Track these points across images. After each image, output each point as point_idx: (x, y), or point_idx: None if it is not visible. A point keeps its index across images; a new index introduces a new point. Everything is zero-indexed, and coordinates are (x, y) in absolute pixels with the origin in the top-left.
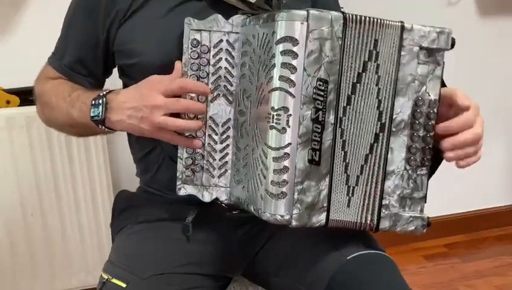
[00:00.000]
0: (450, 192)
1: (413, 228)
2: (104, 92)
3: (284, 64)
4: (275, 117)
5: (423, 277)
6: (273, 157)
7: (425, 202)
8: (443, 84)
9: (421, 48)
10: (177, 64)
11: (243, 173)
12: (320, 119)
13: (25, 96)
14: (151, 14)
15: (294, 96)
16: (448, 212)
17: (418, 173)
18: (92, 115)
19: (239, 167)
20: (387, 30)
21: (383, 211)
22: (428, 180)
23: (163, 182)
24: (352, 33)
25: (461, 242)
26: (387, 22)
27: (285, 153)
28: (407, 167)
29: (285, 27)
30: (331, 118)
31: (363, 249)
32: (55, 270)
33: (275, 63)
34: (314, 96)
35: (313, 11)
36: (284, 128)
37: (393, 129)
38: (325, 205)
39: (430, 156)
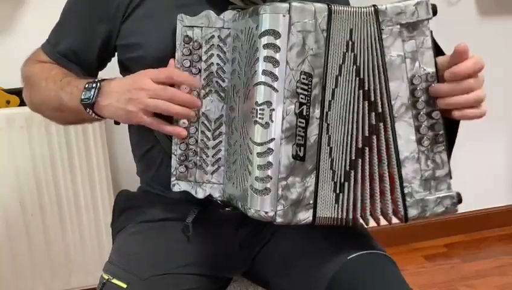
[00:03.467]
0: None
1: (444, 209)
2: (99, 79)
3: (267, 58)
4: (259, 112)
5: (423, 277)
6: (257, 153)
7: (451, 178)
8: (440, 52)
9: (401, 25)
10: (171, 62)
11: (233, 169)
12: (304, 113)
13: None
14: (153, 8)
15: (277, 91)
16: None
17: (434, 151)
18: (82, 97)
19: (230, 163)
20: (361, 17)
21: (408, 199)
22: (449, 155)
23: (163, 180)
24: (336, 25)
25: (461, 242)
26: (359, 8)
27: (269, 148)
28: (422, 149)
29: (268, 20)
30: (316, 113)
31: (363, 249)
32: (55, 270)
33: (258, 57)
34: (297, 90)
35: (295, 4)
36: (267, 123)
37: (396, 115)
38: (311, 201)
39: (443, 130)
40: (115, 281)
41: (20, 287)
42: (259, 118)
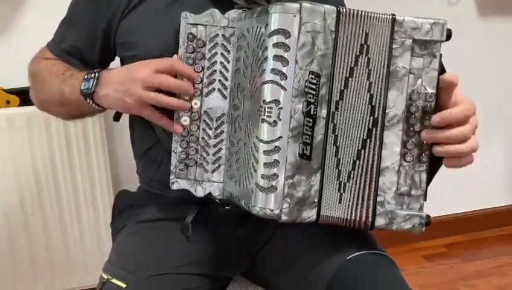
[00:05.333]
0: (450, 192)
1: (411, 226)
2: (98, 70)
3: (276, 57)
4: (267, 110)
5: (423, 277)
6: (263, 151)
7: (425, 200)
8: (443, 71)
9: (414, 40)
10: (174, 57)
11: (235, 167)
12: (312, 113)
13: (25, 96)
14: (152, 7)
15: (285, 89)
16: (448, 212)
17: (415, 169)
18: (82, 88)
19: (232, 161)
20: (377, 23)
21: (378, 208)
22: (429, 177)
23: (164, 179)
24: (345, 27)
25: (461, 242)
26: (378, 14)
27: (276, 147)
28: (404, 163)
29: (278, 20)
30: (323, 112)
31: (363, 249)
32: (55, 270)
33: (267, 56)
34: (305, 89)
35: (305, 4)
36: (275, 121)
37: (387, 124)
38: (316, 200)
39: (429, 151)
40: (114, 281)
41: (20, 287)
42: (267, 116)
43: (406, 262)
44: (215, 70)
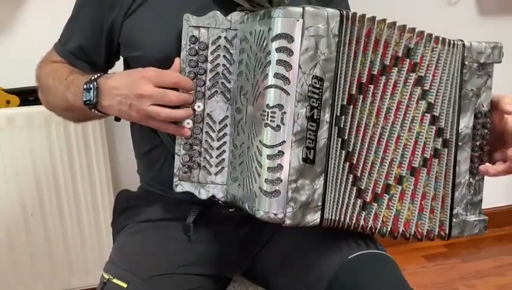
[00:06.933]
0: None
1: (478, 230)
2: (96, 76)
3: (279, 62)
4: (270, 114)
5: (423, 277)
6: (267, 155)
7: (482, 203)
8: None
9: (478, 63)
10: (176, 61)
11: (238, 170)
12: (315, 117)
13: (25, 96)
14: (155, 8)
15: (289, 94)
16: None
17: (476, 179)
18: (84, 99)
19: (235, 164)
20: (450, 48)
21: (454, 220)
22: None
23: (165, 180)
24: (351, 31)
25: (461, 242)
26: (448, 39)
27: (280, 151)
28: (469, 176)
29: (281, 24)
30: (326, 116)
31: (364, 249)
32: (55, 270)
33: (270, 60)
34: (309, 94)
35: (308, 8)
36: (278, 125)
37: (460, 143)
38: (319, 204)
39: (486, 160)
40: (115, 280)
41: (20, 287)
42: (270, 120)
43: (406, 262)
44: (217, 73)
